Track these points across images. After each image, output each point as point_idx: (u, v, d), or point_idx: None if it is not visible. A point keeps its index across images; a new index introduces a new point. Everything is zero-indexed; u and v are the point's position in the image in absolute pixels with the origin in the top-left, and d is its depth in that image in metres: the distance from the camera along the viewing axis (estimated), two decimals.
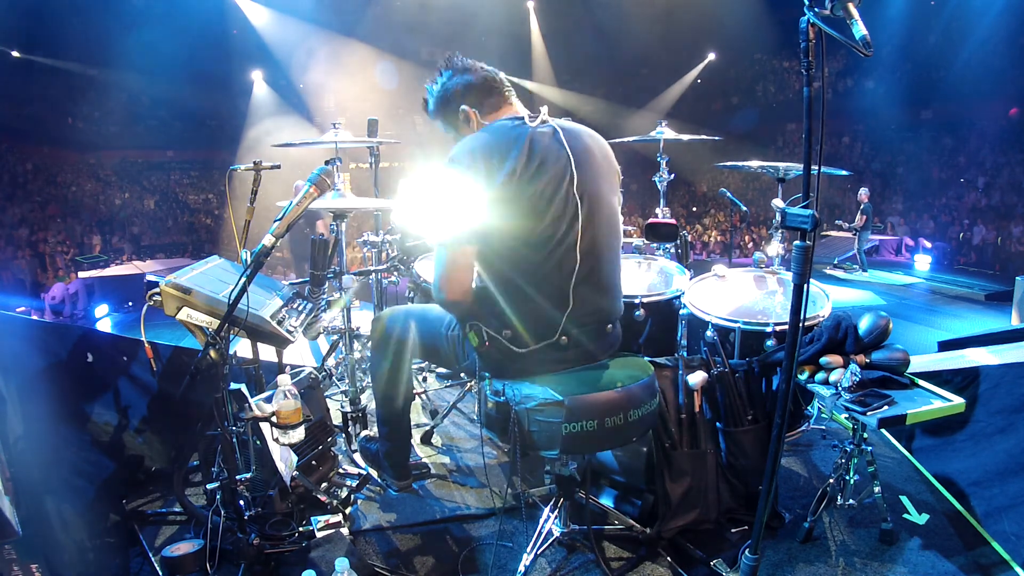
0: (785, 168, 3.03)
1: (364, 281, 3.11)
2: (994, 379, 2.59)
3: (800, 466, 2.66)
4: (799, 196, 1.61)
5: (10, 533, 1.62)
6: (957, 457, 2.55)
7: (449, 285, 1.83)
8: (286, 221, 1.91)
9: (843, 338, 2.22)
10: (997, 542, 2.13)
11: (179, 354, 2.92)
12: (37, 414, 2.16)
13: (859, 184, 12.47)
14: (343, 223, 2.73)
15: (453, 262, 1.81)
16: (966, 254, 13.06)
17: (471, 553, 2.15)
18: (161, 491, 2.50)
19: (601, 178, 1.90)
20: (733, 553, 2.06)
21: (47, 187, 16.26)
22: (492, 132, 1.84)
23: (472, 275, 1.86)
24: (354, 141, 3.35)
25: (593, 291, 1.87)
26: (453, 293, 1.84)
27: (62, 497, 2.06)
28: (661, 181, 3.79)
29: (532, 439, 1.81)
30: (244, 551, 1.94)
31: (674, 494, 2.16)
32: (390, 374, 2.27)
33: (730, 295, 2.77)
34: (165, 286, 1.97)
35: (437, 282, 1.85)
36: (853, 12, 1.39)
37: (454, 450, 2.87)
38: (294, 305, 2.39)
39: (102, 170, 18.02)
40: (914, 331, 6.73)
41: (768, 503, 1.74)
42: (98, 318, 9.39)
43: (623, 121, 18.56)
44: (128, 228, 16.49)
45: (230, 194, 2.60)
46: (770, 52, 19.14)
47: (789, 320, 1.63)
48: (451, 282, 1.82)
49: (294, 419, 1.90)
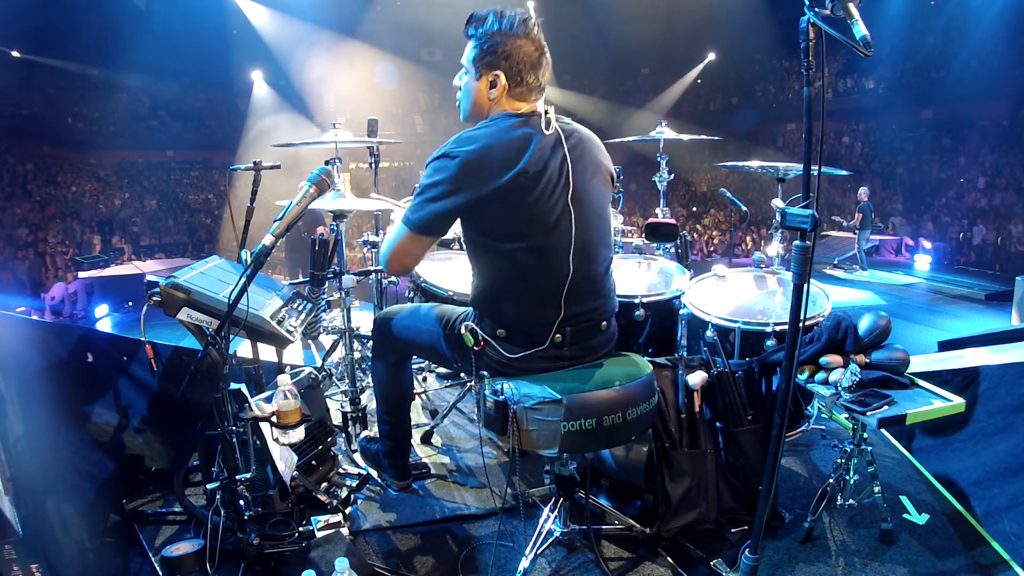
0: (785, 168, 3.03)
1: (364, 281, 3.11)
2: (994, 379, 2.58)
3: (800, 466, 2.66)
4: (799, 196, 1.61)
5: (10, 533, 1.62)
6: (957, 457, 2.55)
7: (394, 265, 1.90)
8: (286, 221, 1.91)
9: (843, 338, 2.22)
10: (997, 542, 2.13)
11: (179, 354, 2.92)
12: (37, 414, 2.16)
13: (859, 184, 12.48)
14: (343, 223, 2.73)
15: (407, 245, 1.83)
16: (966, 254, 13.06)
17: (471, 553, 2.14)
18: (161, 491, 2.49)
19: (596, 183, 1.88)
20: (733, 553, 2.06)
21: (47, 187, 16.26)
22: (496, 130, 1.76)
23: (420, 260, 1.94)
24: (354, 141, 3.35)
25: (585, 295, 1.87)
26: (394, 270, 1.93)
27: (62, 497, 2.06)
28: (661, 181, 3.79)
29: (531, 438, 1.80)
30: (244, 551, 1.94)
31: (674, 494, 2.16)
32: (390, 374, 2.28)
33: (730, 295, 2.77)
34: (165, 286, 1.97)
35: (386, 256, 1.89)
36: (853, 12, 1.39)
37: (454, 450, 2.87)
38: (294, 305, 2.39)
39: (102, 170, 18.03)
40: (914, 331, 6.74)
41: (768, 503, 1.74)
42: (98, 318, 9.40)
43: (623, 121, 18.58)
44: (128, 228, 16.49)
45: (230, 194, 2.60)
46: (770, 52, 19.13)
47: (789, 320, 1.63)
48: (397, 262, 1.89)
49: (294, 419, 1.90)
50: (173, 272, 2.07)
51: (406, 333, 2.18)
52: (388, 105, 18.28)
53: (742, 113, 19.39)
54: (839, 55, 17.15)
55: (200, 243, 16.71)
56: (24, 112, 16.65)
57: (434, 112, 21.21)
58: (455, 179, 1.71)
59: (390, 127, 17.83)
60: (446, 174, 1.72)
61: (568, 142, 1.81)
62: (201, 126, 19.82)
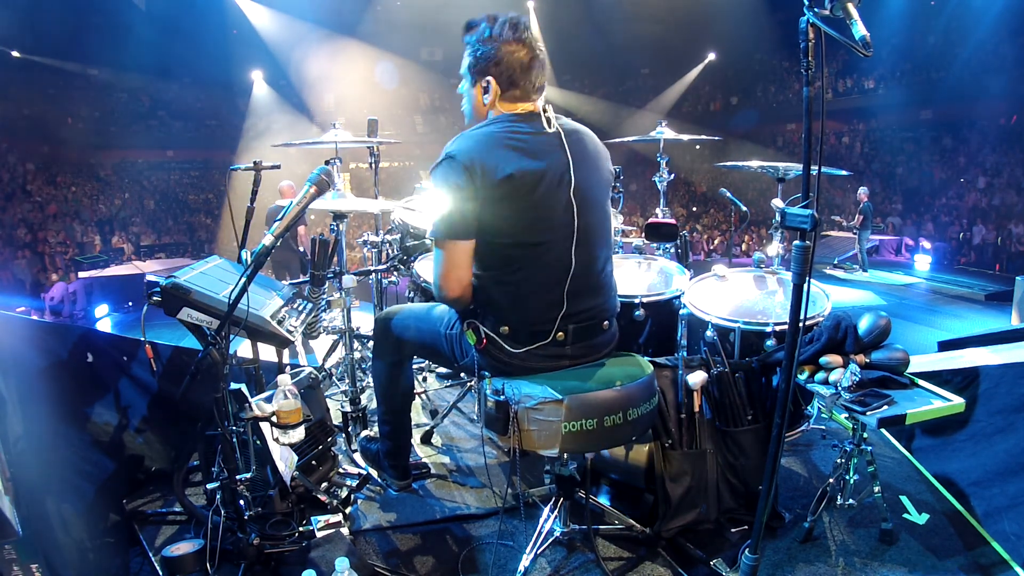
0: (785, 168, 3.03)
1: (364, 281, 3.11)
2: (994, 379, 2.58)
3: (800, 466, 2.66)
4: (799, 196, 1.61)
5: (10, 533, 1.62)
6: (957, 457, 2.55)
7: (447, 283, 1.83)
8: (286, 221, 1.91)
9: (843, 338, 2.22)
10: (997, 542, 2.13)
11: (179, 354, 2.92)
12: (37, 414, 2.16)
13: (859, 184, 12.48)
14: (343, 223, 2.73)
15: (450, 259, 1.81)
16: (966, 254, 13.06)
17: (471, 553, 2.14)
18: (161, 491, 2.49)
19: (597, 181, 1.89)
20: (733, 553, 2.06)
21: (47, 187, 16.25)
22: (495, 129, 1.79)
23: (470, 271, 1.86)
24: (354, 141, 3.35)
25: (587, 292, 1.88)
26: (452, 290, 1.84)
27: (62, 497, 2.06)
28: (661, 181, 3.79)
29: (532, 438, 1.80)
30: (244, 551, 1.95)
31: (674, 494, 2.16)
32: (390, 374, 2.28)
33: (730, 295, 2.77)
34: (165, 286, 1.97)
35: (437, 280, 1.85)
36: (853, 12, 1.39)
37: (454, 450, 2.87)
38: (294, 305, 2.39)
39: (102, 170, 18.03)
40: (914, 331, 6.73)
41: (768, 503, 1.74)
42: (98, 318, 9.39)
43: (623, 121, 18.60)
44: (128, 228, 16.49)
45: (230, 194, 2.60)
46: (770, 52, 19.15)
47: (789, 320, 1.63)
48: (449, 279, 1.83)
49: (294, 419, 1.90)
50: (173, 272, 2.07)
51: (407, 333, 2.18)
52: (388, 105, 18.28)
53: (742, 113, 19.41)
54: (839, 55, 17.14)
55: (200, 243, 16.71)
56: (24, 112, 16.64)
57: (434, 112, 21.23)
58: (461, 178, 1.73)
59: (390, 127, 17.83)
60: (451, 176, 1.74)
61: (568, 139, 1.83)
62: (201, 126, 19.82)
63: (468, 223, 1.77)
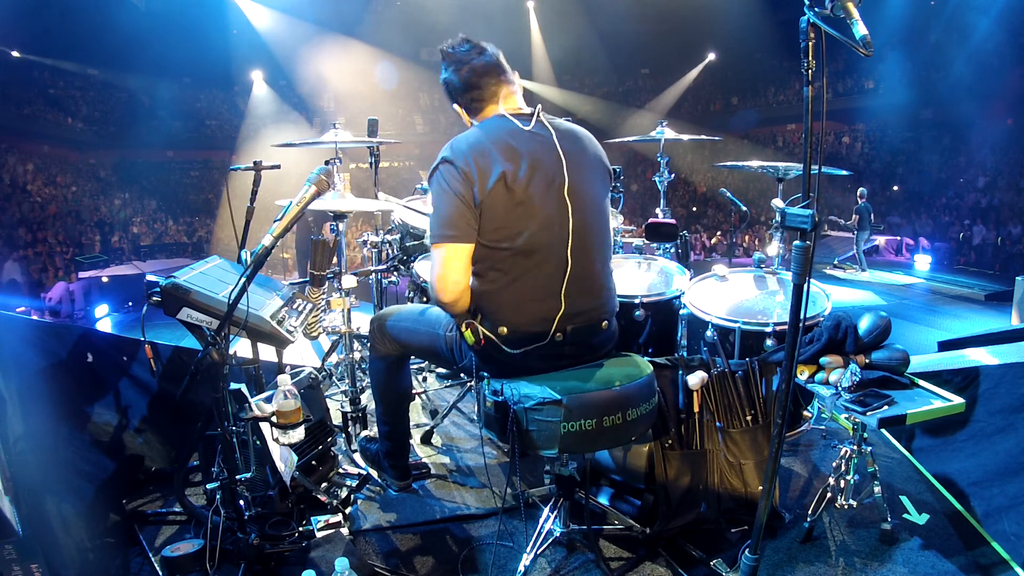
0: (785, 168, 3.03)
1: (364, 281, 3.11)
2: (994, 379, 2.58)
3: (800, 466, 2.66)
4: (799, 196, 1.61)
5: (10, 533, 1.62)
6: (957, 457, 2.55)
7: (444, 285, 1.82)
8: (286, 221, 1.91)
9: (843, 338, 2.22)
10: (997, 542, 2.13)
11: (179, 354, 2.92)
12: (37, 414, 2.16)
13: (859, 184, 12.48)
14: (343, 223, 2.73)
15: (446, 262, 1.81)
16: (966, 254, 13.06)
17: (471, 553, 2.14)
18: (161, 491, 2.49)
19: (592, 180, 1.90)
20: (733, 553, 2.06)
21: (47, 187, 16.24)
22: (486, 131, 1.83)
23: (467, 274, 1.85)
24: (354, 141, 3.35)
25: (585, 292, 1.88)
26: (448, 293, 1.83)
27: (62, 497, 2.06)
28: (661, 181, 3.79)
29: (531, 438, 1.81)
30: (244, 551, 1.94)
31: (674, 494, 2.16)
32: (389, 374, 2.28)
33: (730, 295, 2.77)
34: (165, 286, 1.97)
35: (433, 283, 1.84)
36: (853, 12, 1.39)
37: (454, 450, 2.87)
38: (294, 305, 2.39)
39: (102, 170, 18.03)
40: (914, 331, 6.73)
41: (768, 503, 1.74)
42: (98, 318, 9.38)
43: (623, 121, 18.60)
44: (128, 228, 16.49)
45: (230, 194, 2.60)
46: (770, 52, 19.13)
47: (789, 320, 1.63)
48: (446, 282, 1.81)
49: (294, 419, 1.90)
50: (173, 272, 2.07)
51: (404, 334, 2.18)
52: (388, 105, 18.29)
53: (742, 113, 19.42)
54: (839, 55, 17.14)
55: (200, 243, 16.70)
56: (24, 112, 16.64)
57: (434, 112, 21.22)
58: (458, 181, 1.75)
59: (390, 127, 17.85)
60: (448, 179, 1.77)
61: (561, 139, 1.84)
62: (201, 126, 19.82)
63: (465, 222, 1.77)
